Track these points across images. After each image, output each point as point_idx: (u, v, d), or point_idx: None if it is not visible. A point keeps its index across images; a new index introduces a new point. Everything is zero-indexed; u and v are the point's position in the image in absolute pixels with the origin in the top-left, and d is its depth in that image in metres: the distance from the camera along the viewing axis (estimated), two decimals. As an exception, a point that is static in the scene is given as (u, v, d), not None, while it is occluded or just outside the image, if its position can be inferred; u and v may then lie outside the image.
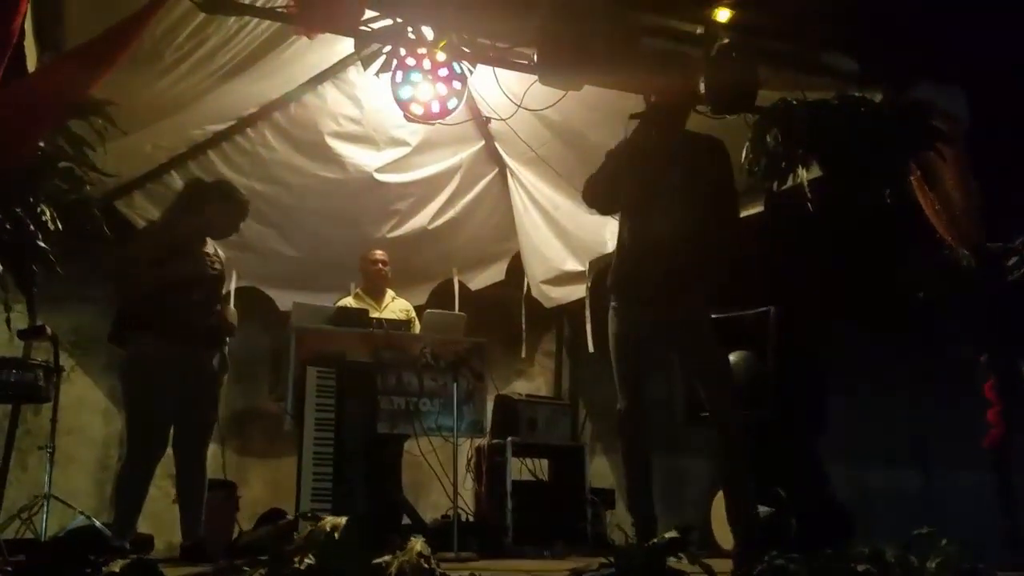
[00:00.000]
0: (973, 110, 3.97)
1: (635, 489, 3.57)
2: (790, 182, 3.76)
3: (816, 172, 3.78)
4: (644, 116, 3.43)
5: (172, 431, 3.83)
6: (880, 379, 7.07)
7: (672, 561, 2.49)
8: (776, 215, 4.46)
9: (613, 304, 3.58)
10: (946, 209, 4.11)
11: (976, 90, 4.01)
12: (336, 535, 2.27)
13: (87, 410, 5.52)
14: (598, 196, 3.60)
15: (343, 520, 2.34)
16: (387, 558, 2.29)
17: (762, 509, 3.91)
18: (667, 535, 2.43)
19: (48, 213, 2.75)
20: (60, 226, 2.78)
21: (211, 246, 4.00)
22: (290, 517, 2.46)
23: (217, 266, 3.95)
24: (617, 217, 3.69)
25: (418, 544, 2.39)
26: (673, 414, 4.80)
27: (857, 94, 3.78)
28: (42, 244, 2.76)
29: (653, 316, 3.47)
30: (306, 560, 2.24)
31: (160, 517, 4.62)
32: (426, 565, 2.31)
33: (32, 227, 2.69)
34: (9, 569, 2.20)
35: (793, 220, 4.05)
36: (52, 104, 2.79)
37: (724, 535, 4.35)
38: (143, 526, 4.57)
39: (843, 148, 3.66)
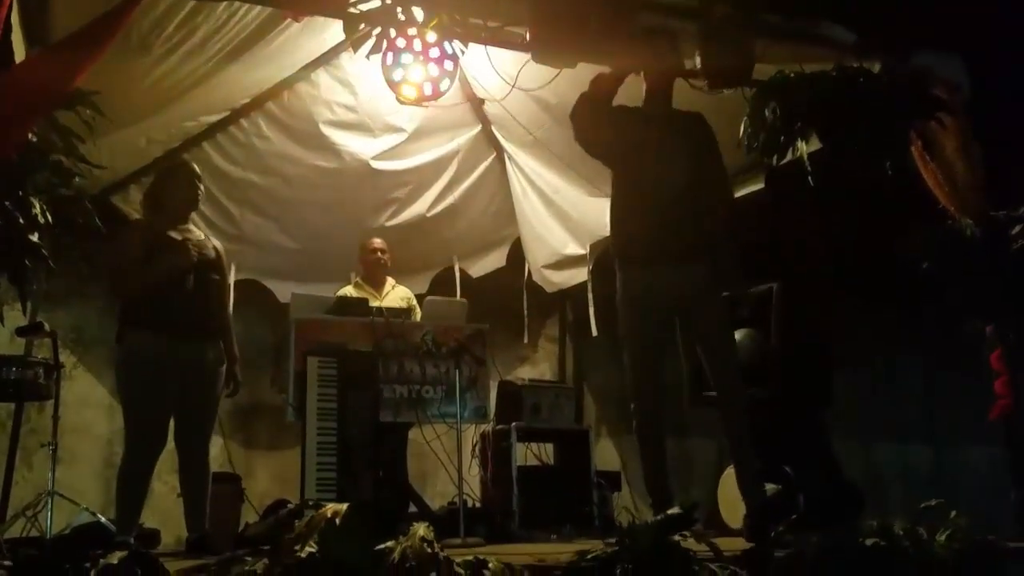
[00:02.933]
0: (973, 77, 3.91)
1: (652, 468, 3.54)
2: (789, 156, 3.71)
3: (816, 145, 3.74)
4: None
5: (173, 425, 3.81)
6: (889, 353, 7.04)
7: (678, 538, 2.47)
8: (777, 190, 4.42)
9: (620, 270, 3.55)
10: (948, 179, 4.06)
11: (976, 57, 3.95)
12: (337, 521, 2.25)
13: (90, 407, 5.51)
14: (582, 125, 3.64)
15: (344, 507, 2.33)
16: (390, 544, 2.28)
17: (769, 487, 3.90)
18: (670, 512, 2.41)
19: (38, 207, 2.72)
20: (51, 219, 2.75)
21: (198, 234, 3.96)
22: (290, 506, 2.45)
23: (209, 253, 3.91)
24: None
25: (421, 529, 2.38)
26: (678, 395, 4.77)
27: (855, 65, 3.73)
28: (34, 238, 2.73)
29: (663, 277, 3.47)
30: (308, 548, 2.23)
31: (168, 511, 4.62)
32: (429, 550, 2.29)
33: (22, 221, 2.66)
34: (9, 564, 2.17)
35: (795, 194, 4.01)
36: (38, 96, 2.75)
37: (731, 515, 4.34)
38: (151, 520, 4.57)
39: (842, 120, 3.61)
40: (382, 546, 2.22)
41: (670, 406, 3.73)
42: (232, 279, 5.02)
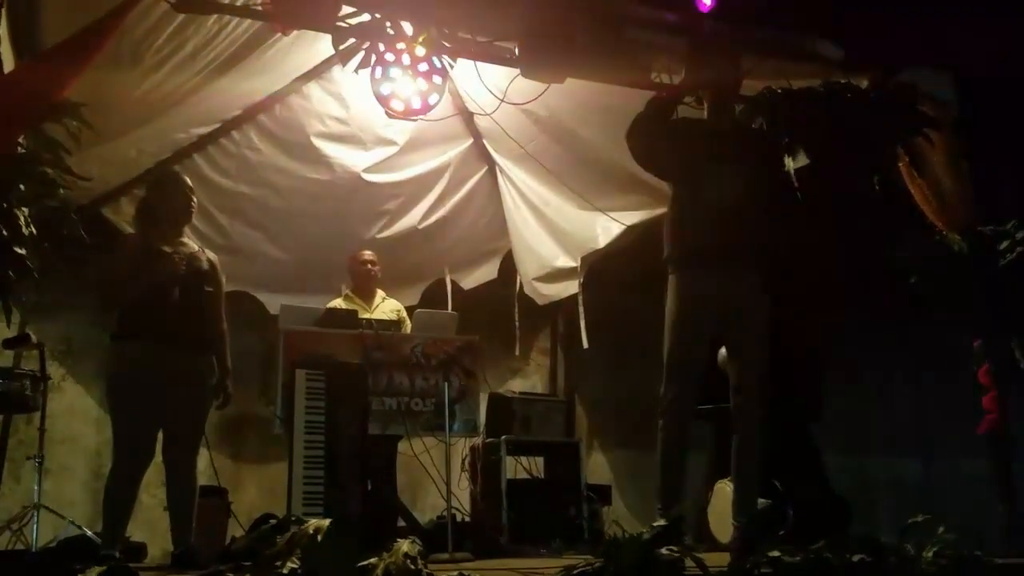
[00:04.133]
0: (961, 93, 3.94)
1: (670, 481, 3.50)
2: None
3: (804, 160, 3.75)
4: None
5: (161, 438, 3.79)
6: (880, 367, 7.05)
7: (664, 552, 2.46)
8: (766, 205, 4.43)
9: (674, 273, 3.57)
10: (936, 194, 4.08)
11: (963, 73, 3.97)
12: (319, 538, 2.24)
13: (79, 419, 5.49)
14: (639, 140, 3.62)
15: (327, 522, 2.31)
16: (373, 560, 2.26)
17: (759, 501, 3.89)
18: (656, 525, 2.40)
19: (23, 218, 2.71)
20: (35, 231, 2.74)
21: (191, 246, 3.95)
22: (273, 521, 2.43)
23: (201, 265, 3.90)
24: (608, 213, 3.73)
25: (404, 545, 2.36)
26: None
27: (843, 80, 3.75)
28: (18, 250, 2.72)
29: (720, 284, 3.48)
30: (289, 564, 2.21)
31: (155, 524, 4.60)
32: (412, 566, 2.28)
33: (6, 233, 2.64)
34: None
35: (783, 209, 4.02)
36: (24, 106, 2.75)
37: (720, 528, 4.32)
38: (138, 534, 4.55)
39: (829, 136, 3.62)
40: (365, 563, 2.20)
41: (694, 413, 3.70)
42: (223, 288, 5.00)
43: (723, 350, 3.82)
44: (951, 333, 4.90)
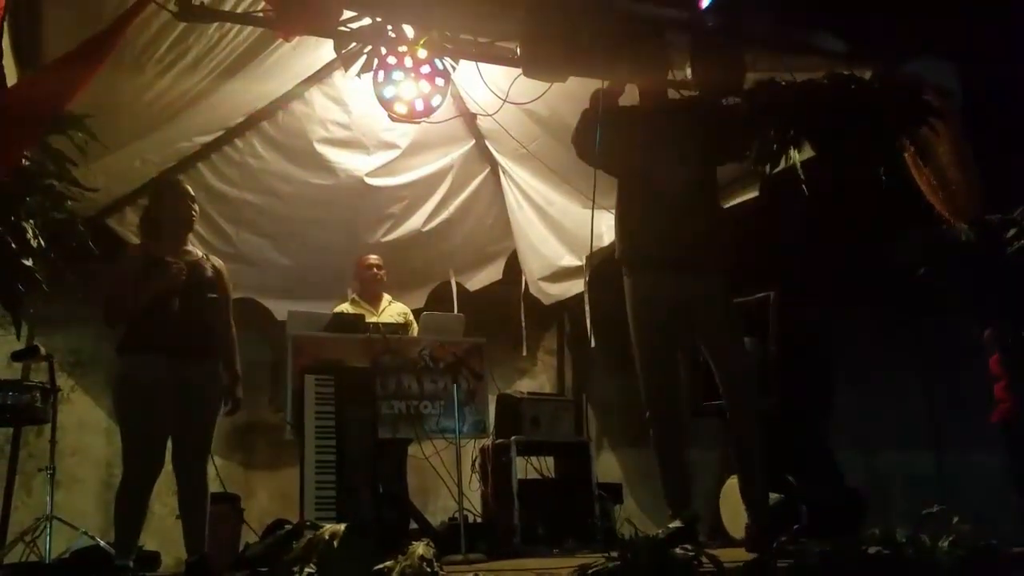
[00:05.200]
0: (965, 82, 3.92)
1: (671, 479, 3.47)
2: (783, 164, 3.71)
3: (809, 153, 3.74)
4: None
5: (171, 446, 3.79)
6: (891, 360, 7.02)
7: (679, 552, 2.46)
8: (772, 198, 4.42)
9: (627, 276, 3.52)
10: (942, 184, 4.06)
11: (968, 62, 3.96)
12: (335, 543, 2.24)
13: (89, 431, 5.49)
14: (583, 147, 3.60)
15: (342, 528, 2.32)
16: (388, 563, 2.27)
17: (772, 496, 3.88)
18: (671, 525, 2.40)
19: (31, 231, 2.71)
20: (43, 243, 2.74)
21: (196, 253, 3.95)
22: (288, 527, 2.44)
23: (206, 272, 3.90)
24: (612, 210, 3.71)
25: (420, 548, 2.37)
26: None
27: (846, 72, 3.73)
28: (27, 262, 2.72)
29: (674, 285, 3.43)
30: (306, 570, 2.22)
31: (167, 533, 4.60)
32: (428, 569, 2.28)
33: (15, 245, 2.65)
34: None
35: (790, 203, 4.01)
36: (29, 120, 2.75)
37: (734, 525, 4.32)
38: (151, 543, 4.55)
39: (834, 128, 3.61)
40: (380, 566, 2.20)
41: (686, 412, 3.66)
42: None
43: None
44: (960, 323, 4.87)
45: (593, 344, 5.83)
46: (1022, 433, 4.41)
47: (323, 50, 4.52)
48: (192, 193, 3.99)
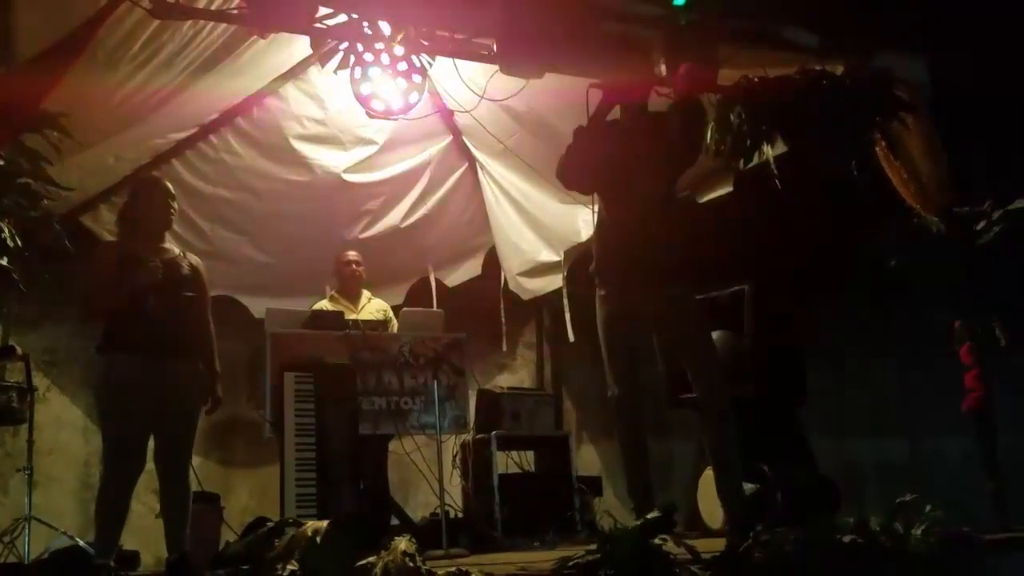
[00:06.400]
0: (935, 76, 3.98)
1: (633, 474, 3.54)
2: (756, 159, 3.76)
3: (781, 148, 3.78)
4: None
5: (152, 445, 3.78)
6: (863, 350, 7.12)
7: (657, 542, 2.49)
8: (745, 193, 4.47)
9: (600, 291, 3.56)
10: (913, 177, 4.13)
11: (937, 55, 4.02)
12: (317, 540, 2.25)
13: (66, 429, 5.46)
14: (569, 177, 3.59)
15: (324, 524, 2.33)
16: (371, 559, 2.28)
17: (747, 486, 3.93)
18: (650, 516, 2.43)
19: (7, 230, 2.69)
20: (20, 243, 2.72)
21: (173, 251, 3.93)
22: (270, 524, 2.44)
23: (183, 270, 3.88)
24: (590, 206, 3.74)
25: (402, 543, 2.38)
26: (657, 397, 4.80)
27: (818, 67, 3.78)
28: (2, 262, 2.71)
29: (640, 300, 3.47)
30: (289, 567, 2.22)
31: (147, 532, 4.57)
32: (411, 564, 2.30)
33: (-10, 246, 2.63)
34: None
35: (763, 197, 4.06)
36: (4, 119, 2.73)
37: (712, 515, 4.37)
38: (131, 542, 4.53)
39: (807, 123, 3.66)
40: (363, 562, 2.21)
41: (649, 410, 3.73)
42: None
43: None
44: (932, 314, 4.96)
45: (572, 338, 5.87)
46: (992, 421, 4.50)
47: (297, 46, 4.51)
48: (172, 191, 3.96)
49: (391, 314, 5.45)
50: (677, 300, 3.51)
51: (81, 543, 4.37)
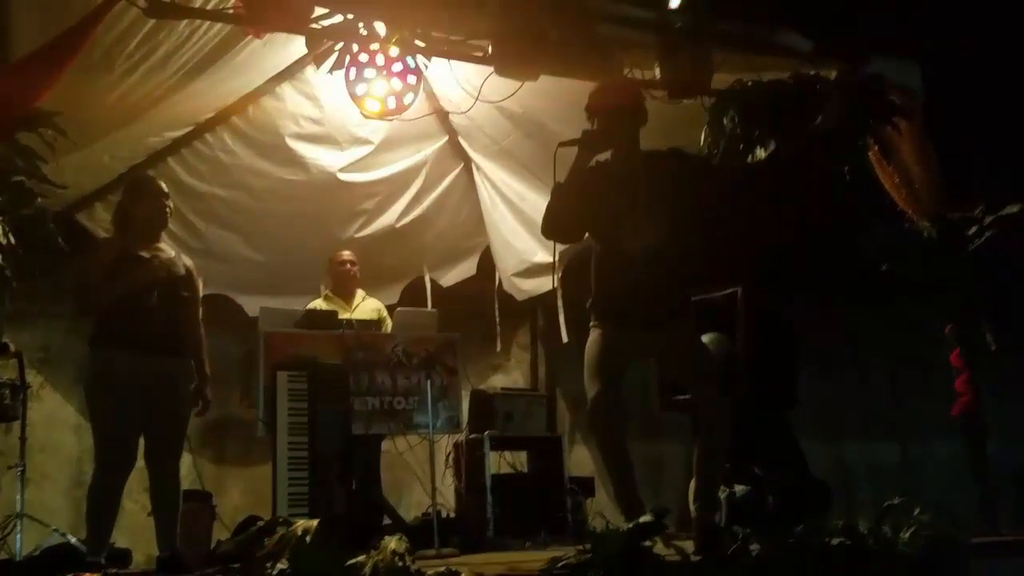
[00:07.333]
0: (928, 82, 4.01)
1: (618, 478, 3.52)
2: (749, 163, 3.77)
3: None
4: (582, 142, 3.33)
5: (143, 443, 3.78)
6: (854, 353, 7.15)
7: (648, 544, 2.51)
8: (739, 195, 4.48)
9: (595, 325, 3.52)
10: (905, 182, 4.15)
11: (930, 61, 4.04)
12: (308, 539, 2.26)
13: (58, 427, 5.45)
14: (559, 230, 3.50)
15: (315, 523, 2.34)
16: (361, 558, 2.29)
17: (738, 488, 3.94)
18: (641, 519, 2.45)
19: (1, 228, 2.70)
20: (13, 240, 2.73)
21: (168, 251, 3.93)
22: (261, 523, 2.45)
23: (178, 271, 3.89)
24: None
25: (392, 543, 2.39)
26: (648, 399, 4.82)
27: (812, 72, 3.80)
28: (-4, 260, 2.72)
29: (640, 339, 3.43)
30: (279, 565, 2.23)
31: (139, 530, 4.58)
32: (400, 563, 2.31)
33: (-16, 243, 2.64)
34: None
35: (756, 199, 4.07)
36: (1, 116, 2.74)
37: (703, 516, 4.37)
38: (122, 540, 4.53)
39: (800, 127, 3.68)
40: (353, 561, 2.23)
41: (635, 410, 3.70)
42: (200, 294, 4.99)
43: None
44: (923, 318, 4.97)
45: (566, 339, 5.88)
46: (982, 425, 4.53)
47: (294, 46, 4.50)
48: (167, 191, 3.97)
49: (385, 313, 5.45)
50: (678, 337, 3.46)
51: (73, 540, 4.38)
